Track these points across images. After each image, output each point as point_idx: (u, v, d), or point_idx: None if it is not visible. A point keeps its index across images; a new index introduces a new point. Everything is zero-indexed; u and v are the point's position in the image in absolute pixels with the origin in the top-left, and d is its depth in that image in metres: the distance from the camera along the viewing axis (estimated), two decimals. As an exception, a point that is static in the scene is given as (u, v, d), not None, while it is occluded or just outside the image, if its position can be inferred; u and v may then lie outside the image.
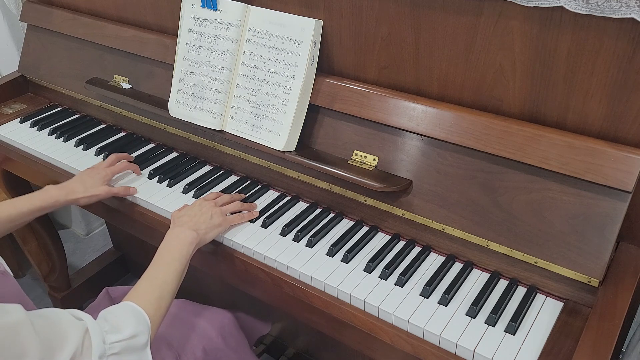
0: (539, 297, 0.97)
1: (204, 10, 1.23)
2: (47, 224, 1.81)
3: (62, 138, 1.49)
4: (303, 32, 1.11)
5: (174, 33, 1.35)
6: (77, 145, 1.46)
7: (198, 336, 1.16)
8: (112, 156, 1.31)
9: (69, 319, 0.77)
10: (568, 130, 0.95)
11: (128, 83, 1.46)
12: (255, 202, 1.22)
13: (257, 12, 1.17)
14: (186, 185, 1.27)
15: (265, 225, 1.15)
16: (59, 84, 1.62)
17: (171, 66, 1.31)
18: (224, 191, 1.26)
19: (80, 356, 0.74)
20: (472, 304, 0.94)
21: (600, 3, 0.82)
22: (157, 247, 1.03)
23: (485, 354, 0.87)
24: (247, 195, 1.24)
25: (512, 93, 0.99)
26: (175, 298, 1.28)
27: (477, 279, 1.01)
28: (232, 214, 1.15)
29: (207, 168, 1.35)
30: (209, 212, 1.10)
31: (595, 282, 0.91)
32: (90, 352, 0.75)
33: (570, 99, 0.94)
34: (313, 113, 1.18)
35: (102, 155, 1.41)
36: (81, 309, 0.90)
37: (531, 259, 0.96)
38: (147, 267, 0.99)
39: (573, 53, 0.90)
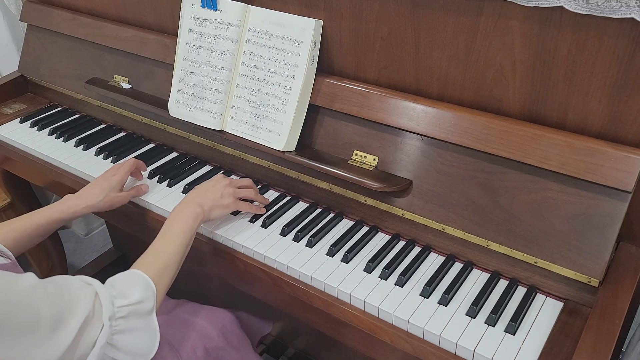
0: (539, 297, 0.97)
1: (204, 10, 1.22)
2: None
3: (62, 138, 1.49)
4: (303, 32, 1.11)
5: (174, 33, 1.35)
6: (77, 145, 1.46)
7: (199, 335, 1.16)
8: (122, 162, 1.27)
9: (79, 284, 0.79)
10: (568, 130, 0.95)
11: (128, 83, 1.46)
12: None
13: (257, 12, 1.17)
14: (186, 185, 1.27)
15: (265, 225, 1.15)
16: (59, 84, 1.62)
17: (171, 66, 1.31)
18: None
19: (93, 319, 0.76)
20: (472, 304, 0.94)
21: (600, 3, 0.82)
22: None
23: (485, 354, 0.87)
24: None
25: (512, 93, 0.99)
26: (175, 298, 1.29)
27: (477, 279, 1.01)
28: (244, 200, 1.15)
29: (207, 168, 1.35)
30: (219, 191, 1.11)
31: (595, 282, 0.91)
32: (101, 315, 0.77)
33: (570, 99, 0.94)
34: (313, 113, 1.18)
35: (102, 155, 1.41)
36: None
37: (531, 259, 0.96)
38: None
39: (573, 53, 0.90)
